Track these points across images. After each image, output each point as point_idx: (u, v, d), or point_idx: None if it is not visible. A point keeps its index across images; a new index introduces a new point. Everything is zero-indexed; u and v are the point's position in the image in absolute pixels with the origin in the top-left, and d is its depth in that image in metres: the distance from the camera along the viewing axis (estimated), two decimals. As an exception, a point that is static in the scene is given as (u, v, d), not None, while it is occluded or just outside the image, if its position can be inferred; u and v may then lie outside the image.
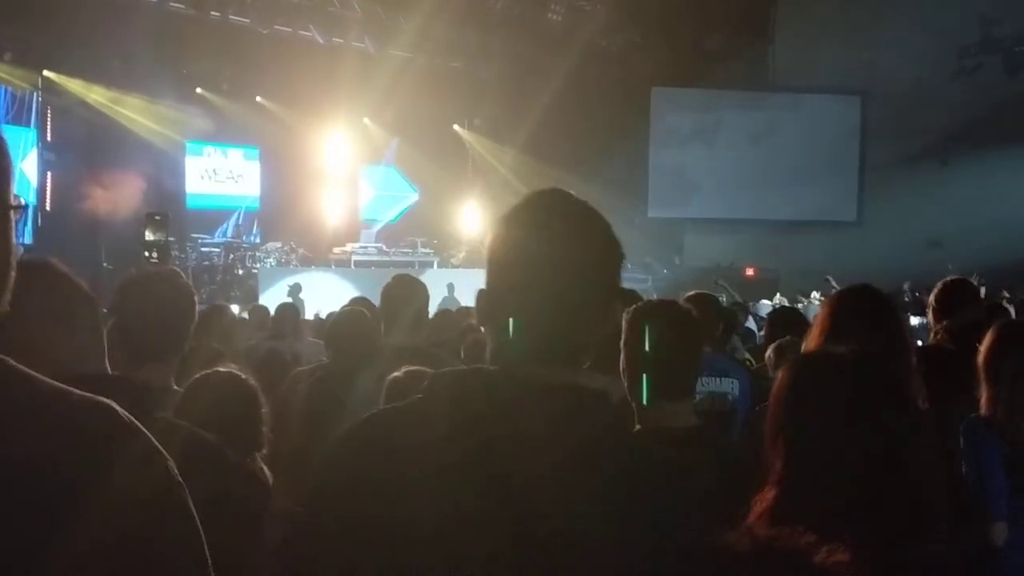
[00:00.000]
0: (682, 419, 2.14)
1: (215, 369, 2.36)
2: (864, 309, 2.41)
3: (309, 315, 9.24)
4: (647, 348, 2.16)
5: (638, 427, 2.15)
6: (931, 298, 3.76)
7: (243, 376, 2.37)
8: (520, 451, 1.10)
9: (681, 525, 1.10)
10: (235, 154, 17.73)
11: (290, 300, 7.99)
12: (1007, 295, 10.24)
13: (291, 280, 13.07)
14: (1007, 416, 2.55)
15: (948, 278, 3.91)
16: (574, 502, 1.08)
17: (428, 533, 1.07)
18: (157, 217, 2.56)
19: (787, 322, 4.56)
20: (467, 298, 12.58)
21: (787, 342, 3.77)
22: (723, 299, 8.45)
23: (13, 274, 0.90)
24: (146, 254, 2.53)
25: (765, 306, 11.42)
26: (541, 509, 1.07)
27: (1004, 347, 2.63)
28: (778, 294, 15.15)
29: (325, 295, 11.78)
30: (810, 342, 2.39)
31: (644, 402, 2.15)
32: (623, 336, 2.21)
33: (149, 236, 2.50)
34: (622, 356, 2.20)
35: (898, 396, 1.69)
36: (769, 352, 3.80)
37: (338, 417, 2.68)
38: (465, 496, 1.08)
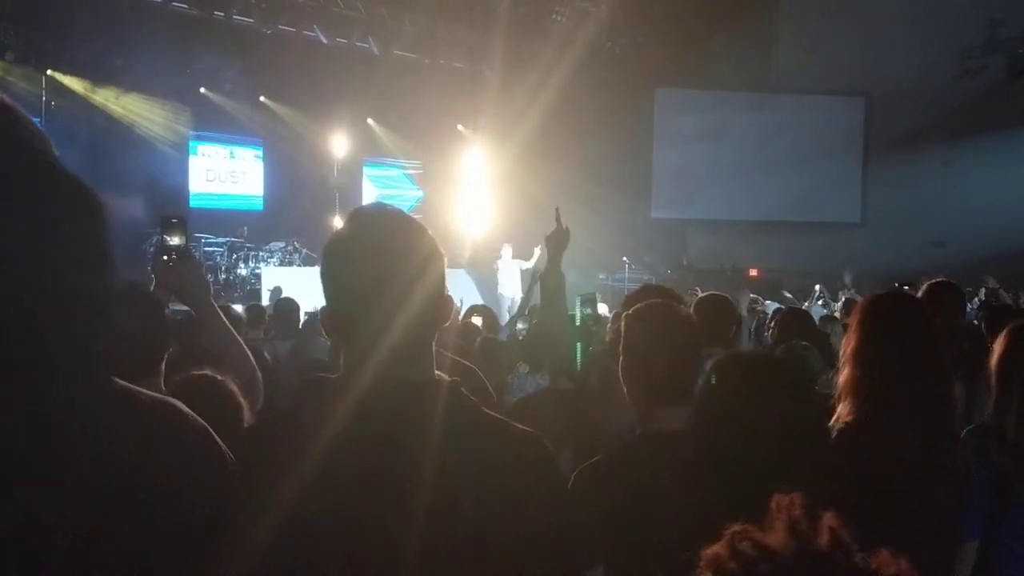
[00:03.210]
0: (681, 422, 2.05)
1: (191, 373, 2.30)
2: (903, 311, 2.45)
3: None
4: (641, 352, 2.14)
5: (638, 431, 2.14)
6: None
7: (220, 379, 2.30)
8: (393, 438, 1.31)
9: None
10: (239, 154, 17.74)
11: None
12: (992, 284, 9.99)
13: (291, 280, 13.01)
14: (1016, 426, 2.35)
15: (931, 280, 3.87)
16: (442, 477, 1.29)
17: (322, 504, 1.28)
18: (174, 220, 2.56)
19: (795, 323, 4.51)
20: (471, 298, 12.60)
21: (797, 345, 3.73)
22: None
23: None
24: (164, 258, 2.52)
25: (771, 307, 11.38)
26: (416, 483, 1.28)
27: (1018, 353, 2.42)
28: (785, 292, 15.08)
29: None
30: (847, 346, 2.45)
31: (640, 405, 2.14)
32: (621, 340, 2.19)
33: (173, 240, 2.50)
34: (620, 360, 2.18)
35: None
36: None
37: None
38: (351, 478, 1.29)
